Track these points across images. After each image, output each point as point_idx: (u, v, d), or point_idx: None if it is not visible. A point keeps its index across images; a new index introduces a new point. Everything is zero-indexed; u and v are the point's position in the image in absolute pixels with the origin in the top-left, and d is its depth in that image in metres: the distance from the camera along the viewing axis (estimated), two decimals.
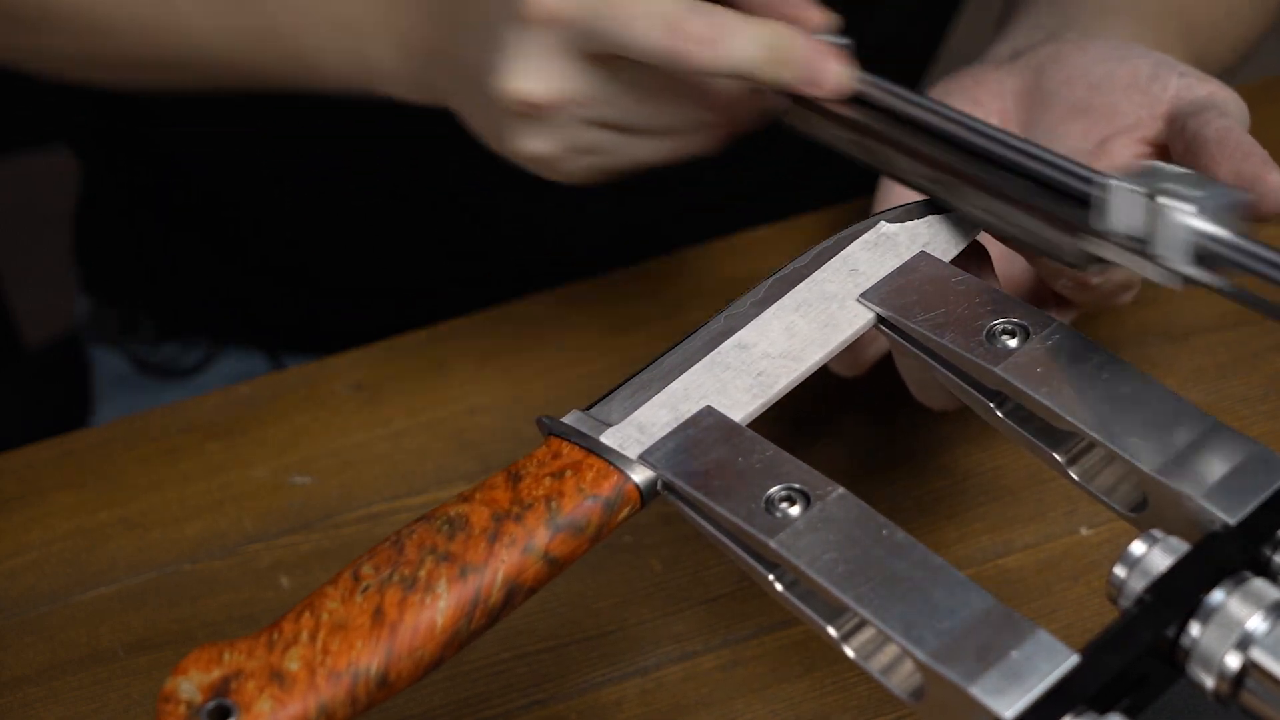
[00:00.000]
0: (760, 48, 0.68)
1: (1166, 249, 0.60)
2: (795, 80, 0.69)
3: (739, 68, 0.68)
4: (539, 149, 0.71)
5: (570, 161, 0.72)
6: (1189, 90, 0.70)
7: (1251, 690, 0.54)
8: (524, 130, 0.71)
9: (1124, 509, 0.61)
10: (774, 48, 0.68)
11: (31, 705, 0.74)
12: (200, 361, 1.06)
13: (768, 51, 0.68)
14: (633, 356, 0.85)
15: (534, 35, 0.68)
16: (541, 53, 0.69)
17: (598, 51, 0.69)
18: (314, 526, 0.80)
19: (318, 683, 0.56)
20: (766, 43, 0.68)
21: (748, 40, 0.67)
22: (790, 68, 0.68)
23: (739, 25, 0.67)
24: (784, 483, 0.59)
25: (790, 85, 0.69)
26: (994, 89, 0.74)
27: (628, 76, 0.70)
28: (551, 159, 0.72)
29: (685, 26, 0.67)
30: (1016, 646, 0.54)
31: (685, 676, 0.73)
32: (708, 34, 0.67)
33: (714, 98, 0.71)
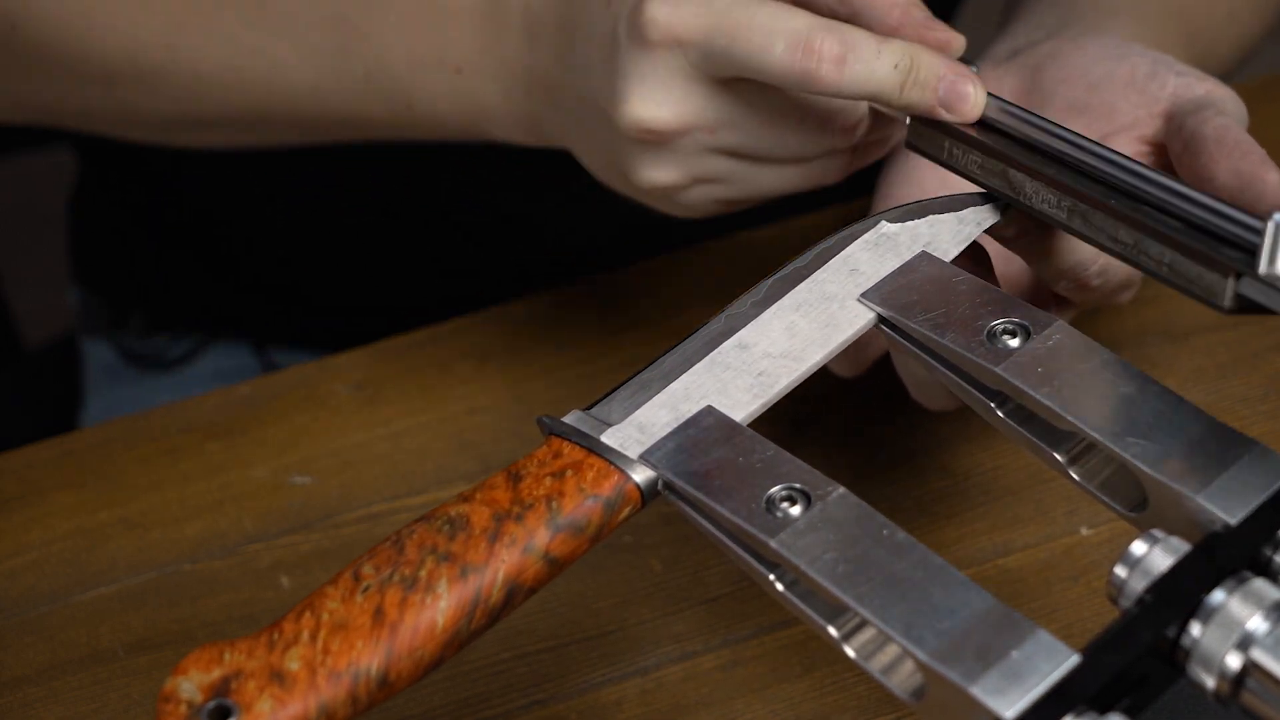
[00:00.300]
0: (893, 68, 0.65)
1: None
2: (931, 103, 0.66)
3: (872, 89, 0.65)
4: (662, 178, 0.69)
5: (694, 191, 0.70)
6: (1187, 89, 0.70)
7: (1252, 690, 0.54)
8: (647, 159, 0.69)
9: (1124, 509, 0.61)
10: (909, 70, 0.66)
11: (31, 705, 0.74)
12: (188, 353, 1.05)
13: (901, 73, 0.66)
14: (633, 356, 0.85)
15: (656, 59, 0.66)
16: (664, 77, 0.66)
17: (723, 75, 0.66)
18: (314, 526, 0.80)
19: (318, 683, 0.56)
20: (899, 63, 0.65)
21: (881, 60, 0.65)
22: (924, 90, 0.66)
23: (872, 45, 0.65)
24: (784, 482, 0.59)
25: (926, 108, 0.67)
26: (992, 87, 0.74)
27: (754, 100, 0.67)
28: (675, 188, 0.70)
29: (816, 45, 0.64)
30: (1017, 646, 0.54)
31: (685, 676, 0.73)
32: (839, 53, 0.65)
33: (843, 122, 0.69)
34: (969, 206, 0.67)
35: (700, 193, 0.70)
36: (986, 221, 0.67)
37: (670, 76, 0.66)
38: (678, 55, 0.66)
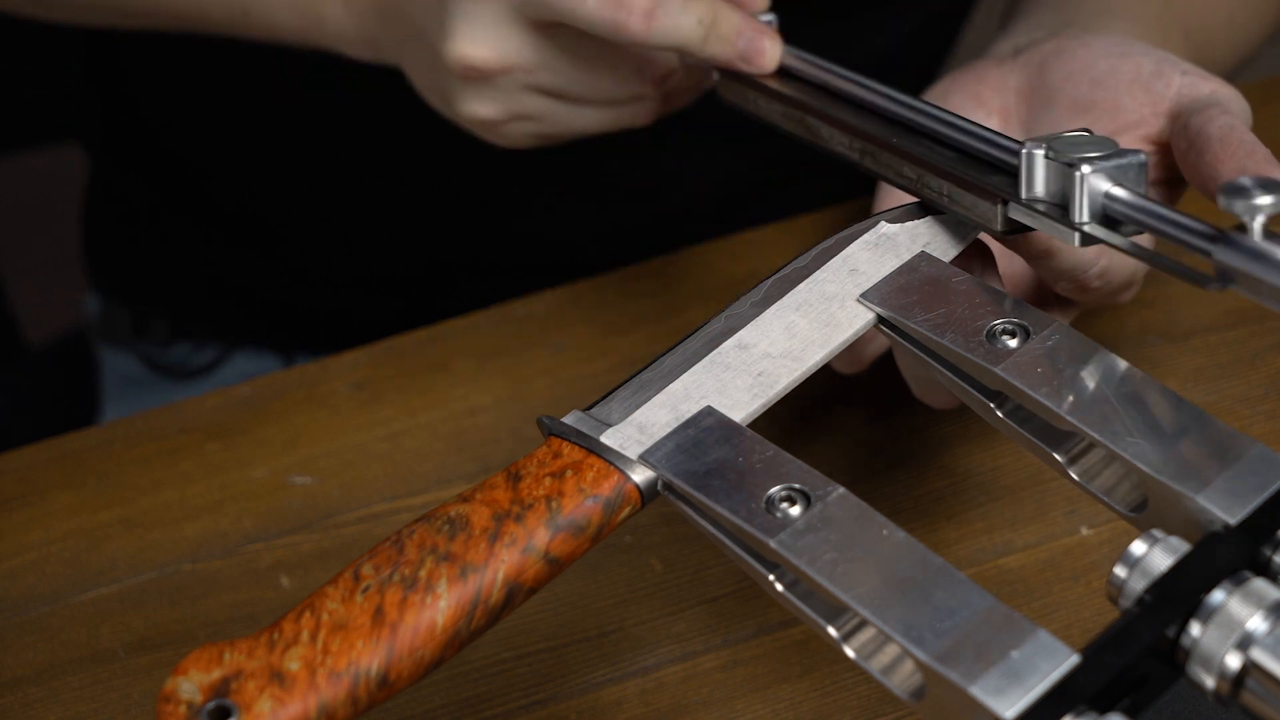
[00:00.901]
0: (697, 23, 0.71)
1: (1080, 212, 0.62)
2: (730, 56, 0.72)
3: (676, 42, 0.71)
4: (482, 112, 0.74)
5: (512, 126, 0.75)
6: (1191, 88, 0.70)
7: (1252, 690, 0.54)
8: (468, 93, 0.74)
9: (1124, 509, 0.61)
10: (710, 24, 0.71)
11: (31, 705, 0.74)
12: (212, 362, 1.06)
13: (704, 28, 0.71)
14: (633, 356, 0.85)
15: (481, 2, 0.71)
16: (488, 18, 0.71)
17: (542, 19, 0.71)
18: (314, 526, 0.80)
19: (318, 683, 0.56)
20: (702, 18, 0.71)
21: (685, 15, 0.70)
22: (726, 44, 0.72)
23: (678, 1, 0.70)
24: (784, 483, 0.59)
25: (725, 60, 0.72)
26: (996, 85, 0.74)
27: (570, 46, 0.72)
28: (493, 122, 0.75)
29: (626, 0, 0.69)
30: (1016, 646, 0.54)
31: (685, 676, 0.73)
32: (647, 7, 0.69)
33: (651, 70, 0.74)
34: None
35: (518, 128, 0.75)
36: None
37: (494, 18, 0.71)
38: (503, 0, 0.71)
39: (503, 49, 0.72)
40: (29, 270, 1.51)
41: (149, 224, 1.06)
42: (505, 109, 0.74)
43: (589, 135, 0.77)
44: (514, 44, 0.72)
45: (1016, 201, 0.64)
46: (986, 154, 0.67)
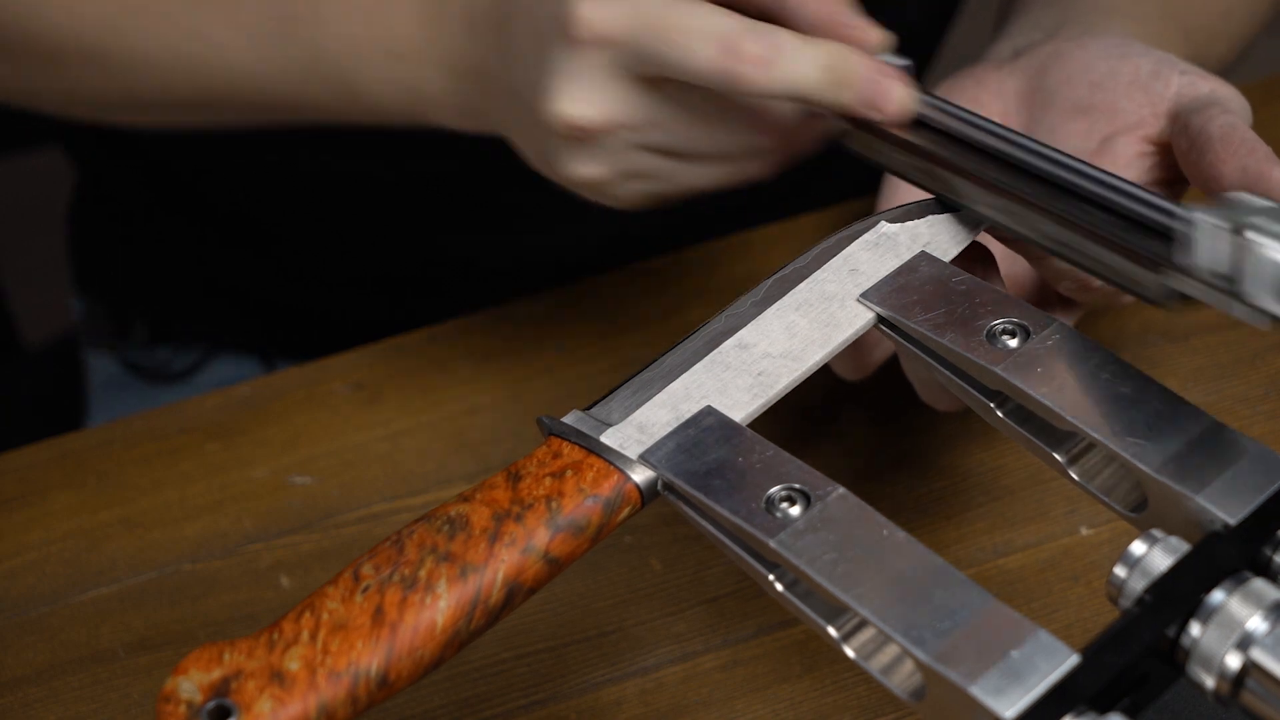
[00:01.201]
0: (818, 69, 0.65)
1: (1255, 287, 0.57)
2: (856, 103, 0.66)
3: (797, 90, 0.66)
4: (589, 174, 0.69)
5: (621, 186, 0.70)
6: (1191, 87, 0.70)
7: (1252, 690, 0.54)
8: (573, 155, 0.69)
9: (1124, 509, 0.61)
10: (833, 69, 0.66)
11: (31, 705, 0.74)
12: (193, 365, 1.06)
13: (826, 73, 0.66)
14: (633, 356, 0.85)
15: (582, 57, 0.66)
16: (590, 75, 0.67)
17: (649, 74, 0.67)
18: (314, 526, 0.80)
19: (318, 683, 0.56)
20: (825, 64, 0.66)
21: (806, 61, 0.65)
22: (850, 90, 0.66)
23: (796, 46, 0.65)
24: (784, 483, 0.59)
25: (850, 108, 0.67)
26: (995, 89, 0.74)
27: (680, 100, 0.68)
28: (602, 184, 0.70)
29: (741, 47, 0.65)
30: (1016, 646, 0.54)
31: (685, 676, 0.73)
32: (764, 55, 0.65)
33: (770, 121, 0.69)
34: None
35: (629, 188, 0.70)
36: (986, 222, 0.67)
37: (597, 75, 0.67)
38: (605, 54, 0.66)
39: (608, 107, 0.67)
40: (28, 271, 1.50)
41: (139, 224, 1.06)
42: (613, 169, 0.69)
43: (708, 191, 0.71)
44: (619, 101, 0.67)
45: (1180, 271, 0.60)
46: (1141, 215, 0.62)
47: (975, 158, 0.67)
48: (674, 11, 0.65)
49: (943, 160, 0.67)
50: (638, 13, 0.65)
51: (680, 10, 0.65)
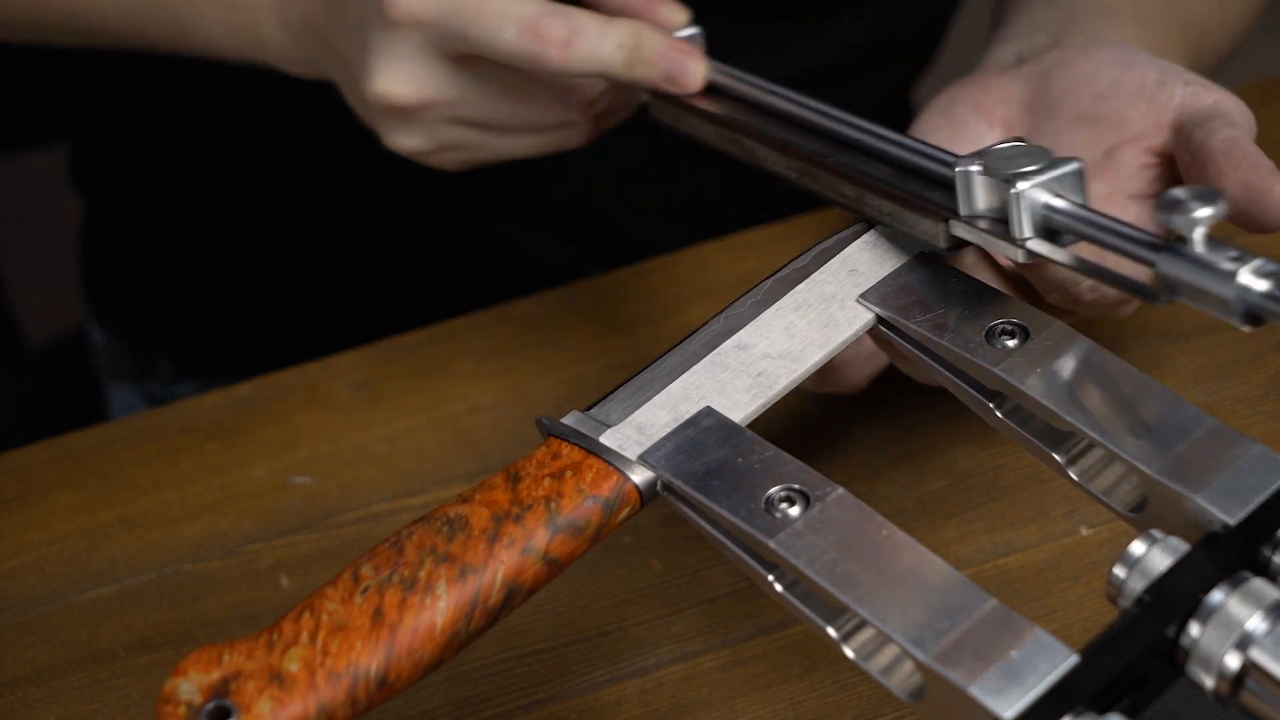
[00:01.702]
0: (617, 48, 0.70)
1: (1021, 228, 0.62)
2: (654, 78, 0.71)
3: (596, 68, 0.70)
4: (408, 145, 0.74)
5: (441, 156, 0.75)
6: (1195, 99, 0.70)
7: (1251, 690, 0.54)
8: (393, 128, 0.73)
9: (1124, 509, 0.61)
10: (631, 48, 0.70)
11: (31, 705, 0.74)
12: None
13: (625, 52, 0.70)
14: (633, 356, 0.85)
15: (397, 37, 0.70)
16: (405, 55, 0.71)
17: (460, 53, 0.71)
18: (314, 526, 0.80)
19: (317, 683, 0.56)
20: (623, 43, 0.70)
21: (604, 41, 0.69)
22: (648, 66, 0.71)
23: (595, 26, 0.69)
24: (783, 483, 0.59)
25: (650, 83, 0.72)
26: (999, 95, 0.74)
27: (490, 77, 0.72)
28: (422, 154, 0.74)
29: (542, 29, 0.69)
30: (1016, 646, 0.54)
31: (685, 676, 0.73)
32: (565, 36, 0.69)
33: (575, 96, 0.74)
34: None
35: (447, 157, 0.75)
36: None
37: (411, 54, 0.71)
38: (418, 34, 0.70)
39: (421, 85, 0.71)
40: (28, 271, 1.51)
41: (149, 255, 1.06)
42: (430, 141, 0.74)
43: (523, 159, 0.76)
44: (433, 79, 0.71)
45: (958, 219, 0.64)
46: (926, 169, 0.66)
47: (768, 121, 0.71)
48: None
49: (738, 125, 0.71)
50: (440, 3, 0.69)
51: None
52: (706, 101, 0.73)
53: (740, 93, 0.73)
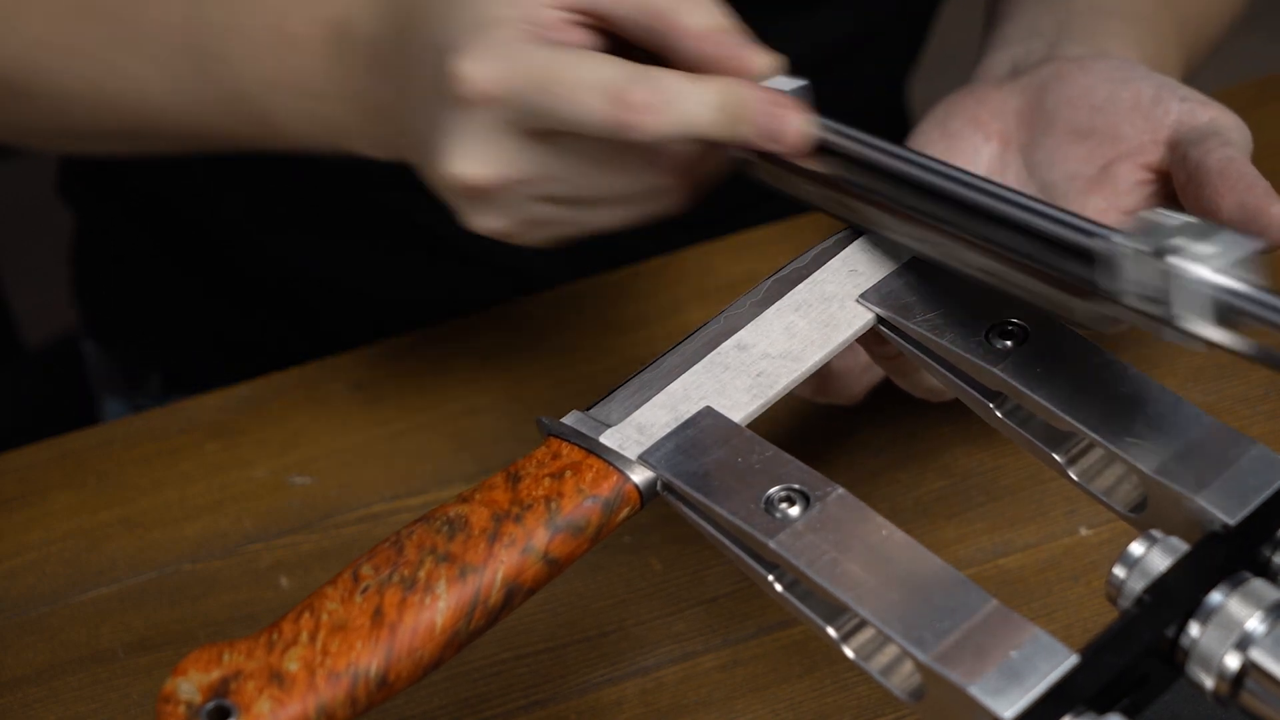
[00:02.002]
0: (710, 109, 0.64)
1: (1184, 309, 0.56)
2: (753, 137, 0.65)
3: (690, 131, 0.65)
4: (491, 226, 0.69)
5: (527, 234, 0.70)
6: (1190, 116, 0.70)
7: (1251, 690, 0.54)
8: (473, 210, 0.68)
9: (1124, 509, 0.61)
10: (724, 107, 0.65)
11: (31, 705, 0.74)
12: None
13: (719, 112, 0.65)
14: (633, 356, 0.85)
15: (471, 117, 0.66)
16: (480, 134, 0.66)
17: (539, 128, 0.66)
18: (314, 526, 0.80)
19: (317, 683, 0.56)
20: (716, 102, 0.64)
21: (696, 102, 0.64)
22: (745, 125, 0.65)
23: (685, 88, 0.64)
24: (783, 483, 0.59)
25: (748, 142, 0.66)
26: (995, 109, 0.74)
27: (574, 150, 0.66)
28: (506, 234, 0.69)
29: (628, 96, 0.64)
30: (1016, 646, 0.54)
31: (685, 676, 0.73)
32: (652, 101, 0.63)
33: (668, 161, 0.68)
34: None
35: (533, 235, 0.70)
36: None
37: (485, 133, 0.66)
38: (492, 111, 0.65)
39: (498, 165, 0.66)
40: (28, 271, 1.50)
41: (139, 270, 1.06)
42: (514, 222, 0.68)
43: (616, 231, 0.70)
44: (512, 158, 0.66)
45: (1107, 297, 0.58)
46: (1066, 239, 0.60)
47: (884, 183, 0.65)
48: (558, 64, 0.64)
49: (850, 187, 0.66)
50: (520, 68, 0.64)
51: (564, 63, 0.64)
52: (814, 161, 0.66)
53: (853, 152, 0.66)
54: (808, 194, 0.67)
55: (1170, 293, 0.56)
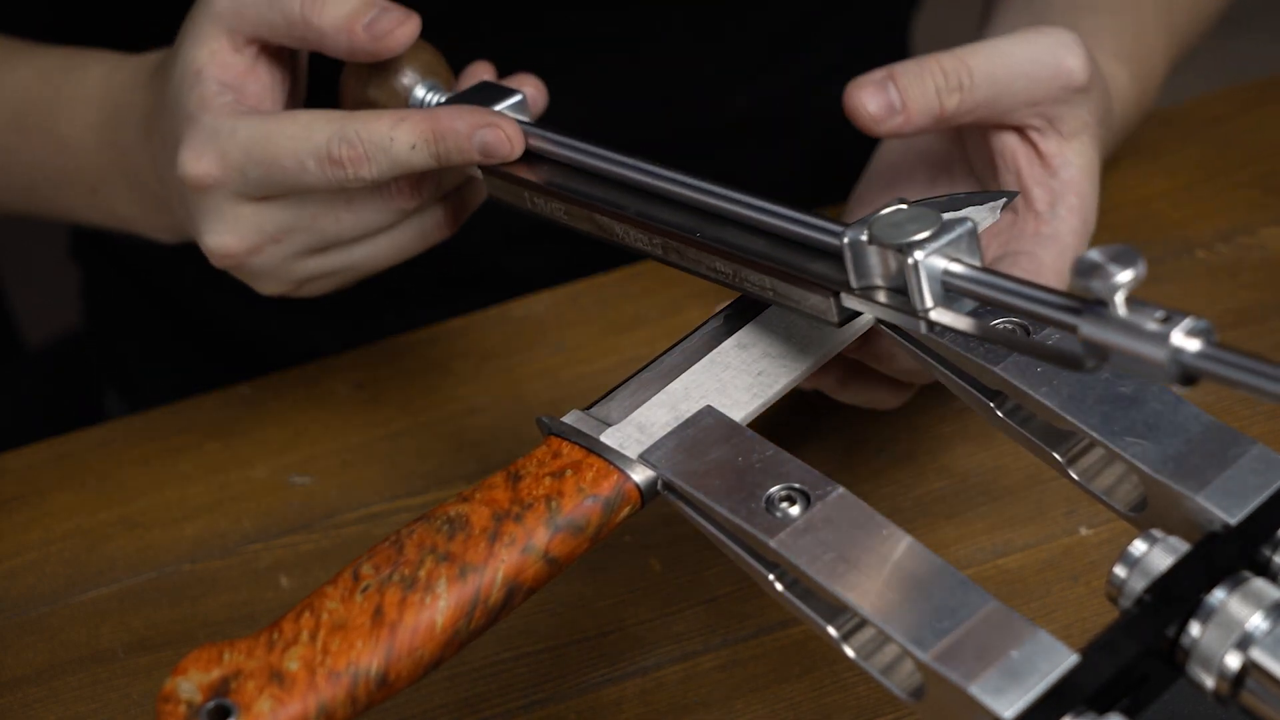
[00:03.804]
0: (408, 147, 0.68)
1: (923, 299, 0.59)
2: (470, 158, 0.69)
3: (401, 169, 0.69)
4: (268, 288, 0.74)
5: (308, 288, 0.74)
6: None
7: (1251, 690, 0.54)
8: (246, 277, 0.73)
9: (1124, 509, 0.61)
10: (425, 140, 0.68)
11: (31, 705, 0.74)
12: None
13: (420, 146, 0.68)
14: (633, 356, 0.85)
15: (206, 198, 0.70)
16: (218, 211, 0.71)
17: (267, 195, 0.70)
18: (314, 526, 0.80)
19: (317, 683, 0.56)
20: (415, 139, 0.68)
21: (398, 143, 0.68)
22: (454, 150, 0.69)
23: (385, 132, 0.68)
24: (784, 482, 0.59)
25: (467, 163, 0.69)
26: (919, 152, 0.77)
27: (306, 202, 0.71)
28: (288, 293, 0.74)
29: (334, 154, 0.68)
30: (1016, 646, 0.54)
31: (685, 676, 0.73)
32: (357, 153, 0.68)
33: (397, 188, 0.72)
34: (969, 205, 0.67)
35: (315, 287, 0.74)
36: (985, 221, 0.67)
37: (222, 209, 0.71)
38: (221, 191, 0.70)
39: (245, 233, 0.71)
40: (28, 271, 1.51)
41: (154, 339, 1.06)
42: (287, 278, 0.73)
43: (392, 264, 0.74)
44: (253, 224, 0.71)
45: (850, 292, 0.61)
46: (806, 239, 0.63)
47: (619, 193, 0.68)
48: (265, 137, 0.69)
49: (587, 200, 0.68)
50: (232, 151, 0.69)
51: (270, 133, 0.69)
52: (541, 172, 0.70)
53: (585, 165, 0.69)
54: (548, 210, 0.70)
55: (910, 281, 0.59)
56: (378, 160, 0.68)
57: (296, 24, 0.70)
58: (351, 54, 0.71)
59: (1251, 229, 0.88)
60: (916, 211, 0.60)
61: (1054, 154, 0.71)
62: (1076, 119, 0.71)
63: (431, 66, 0.74)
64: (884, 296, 0.60)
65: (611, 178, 0.68)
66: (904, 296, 0.59)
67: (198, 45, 0.71)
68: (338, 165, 0.68)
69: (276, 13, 0.70)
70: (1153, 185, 0.91)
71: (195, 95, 0.70)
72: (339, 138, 0.68)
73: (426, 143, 0.68)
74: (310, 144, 0.68)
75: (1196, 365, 0.52)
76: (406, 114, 0.69)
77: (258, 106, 0.72)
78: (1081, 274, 0.53)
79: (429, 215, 0.73)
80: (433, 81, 0.73)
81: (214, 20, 0.71)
